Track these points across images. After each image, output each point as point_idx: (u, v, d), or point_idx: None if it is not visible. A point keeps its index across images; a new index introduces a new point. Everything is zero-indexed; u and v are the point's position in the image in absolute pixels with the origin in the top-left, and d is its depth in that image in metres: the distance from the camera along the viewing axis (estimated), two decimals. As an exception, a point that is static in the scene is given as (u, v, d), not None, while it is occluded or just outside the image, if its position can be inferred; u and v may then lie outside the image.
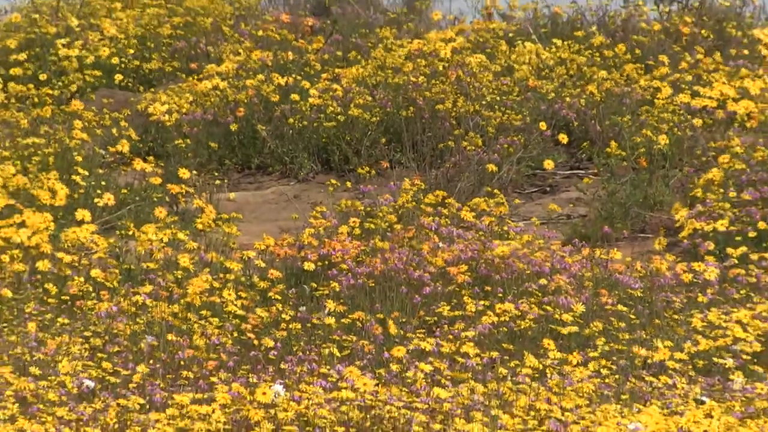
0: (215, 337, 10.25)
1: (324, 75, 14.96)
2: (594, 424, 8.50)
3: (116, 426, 8.69)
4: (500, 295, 10.88)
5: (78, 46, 16.05)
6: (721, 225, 12.02)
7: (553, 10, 16.49)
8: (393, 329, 10.43)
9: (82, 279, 11.13)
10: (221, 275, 11.19)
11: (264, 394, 8.90)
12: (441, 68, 14.85)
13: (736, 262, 11.50)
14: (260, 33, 16.18)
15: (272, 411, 8.74)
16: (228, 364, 9.86)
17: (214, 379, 9.45)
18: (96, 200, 12.63)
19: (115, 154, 13.79)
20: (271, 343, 10.14)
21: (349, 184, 13.65)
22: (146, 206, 12.79)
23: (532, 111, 14.21)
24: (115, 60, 16.06)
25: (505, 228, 12.56)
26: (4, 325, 10.47)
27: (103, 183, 13.22)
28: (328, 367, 9.78)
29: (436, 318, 10.69)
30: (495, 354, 9.95)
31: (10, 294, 10.82)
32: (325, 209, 12.78)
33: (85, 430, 8.58)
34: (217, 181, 13.78)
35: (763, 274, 11.32)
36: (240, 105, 14.40)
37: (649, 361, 9.92)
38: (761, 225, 11.92)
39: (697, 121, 14.09)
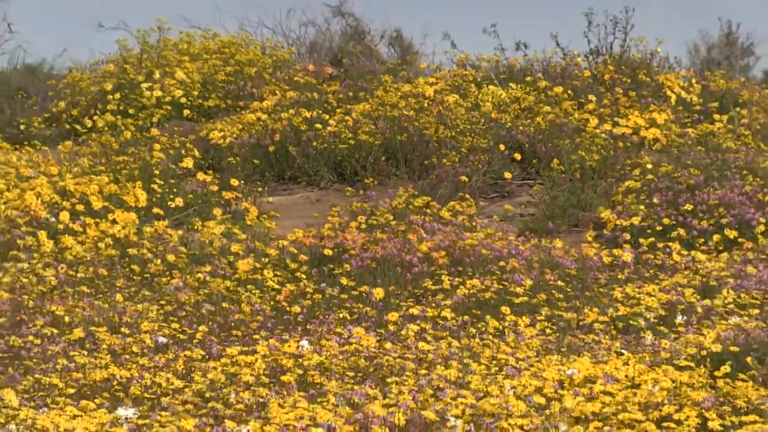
0: (257, 305, 10.44)
1: (339, 110, 15.15)
2: (540, 370, 8.29)
3: (183, 371, 8.65)
4: (470, 273, 11.03)
5: (157, 88, 16.04)
6: (635, 221, 12.32)
7: (510, 61, 16.41)
8: (384, 296, 10.60)
9: (158, 261, 11.34)
10: (262, 258, 11.42)
11: (293, 347, 9.02)
12: (426, 105, 14.97)
13: (646, 249, 11.75)
14: (292, 78, 16.22)
15: (300, 360, 8.78)
16: (267, 325, 10.01)
17: (256, 336, 9.65)
18: (169, 203, 12.96)
19: (183, 169, 13.95)
20: (299, 310, 10.35)
21: (357, 191, 13.70)
22: (206, 207, 13.07)
23: (494, 136, 14.33)
24: (183, 99, 16.06)
25: (474, 223, 12.89)
26: (101, 296, 10.57)
27: (174, 190, 13.34)
28: (341, 327, 9.87)
29: (422, 291, 10.84)
30: (466, 317, 10.17)
31: (105, 272, 11.04)
32: (339, 209, 13.12)
33: (161, 375, 8.45)
34: (259, 189, 13.84)
35: (666, 258, 11.40)
36: (276, 132, 14.52)
37: (581, 323, 10.01)
38: (666, 221, 12.11)
39: (618, 144, 14.13)
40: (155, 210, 12.68)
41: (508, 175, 14.06)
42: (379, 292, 10.54)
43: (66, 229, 11.89)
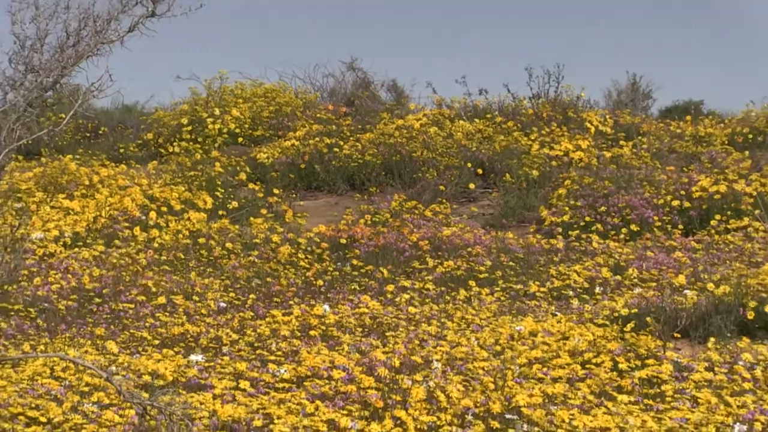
0: (292, 279, 10.30)
1: (351, 138, 15.04)
2: (497, 327, 8.30)
3: (238, 328, 8.57)
4: (446, 256, 10.84)
5: (218, 122, 16.03)
6: (565, 218, 12.17)
7: (474, 102, 16.31)
8: (387, 275, 10.40)
9: (220, 248, 11.25)
10: (295, 246, 11.26)
11: (318, 310, 9.03)
12: (414, 134, 14.83)
13: (573, 239, 11.56)
14: (317, 115, 16.23)
15: (322, 319, 8.76)
16: (299, 294, 9.85)
17: (291, 302, 9.52)
18: (228, 205, 12.86)
19: (238, 180, 13.89)
20: (322, 283, 10.22)
21: (364, 197, 13.67)
22: (255, 209, 12.98)
23: (463, 157, 14.19)
24: (237, 130, 16.00)
25: (449, 220, 12.82)
26: (178, 273, 10.47)
27: (231, 196, 13.16)
28: (353, 296, 9.76)
29: (411, 269, 10.67)
30: (443, 288, 10.05)
31: (182, 256, 11.03)
32: (351, 210, 13.11)
33: (222, 330, 8.43)
34: (293, 195, 13.77)
35: (588, 246, 11.18)
36: (305, 154, 14.44)
37: (526, 292, 9.83)
38: (587, 218, 12.00)
39: (553, 163, 14.10)
40: (218, 211, 12.61)
41: (472, 185, 13.80)
42: (384, 271, 10.35)
43: (153, 225, 11.80)
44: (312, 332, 8.31)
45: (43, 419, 6.10)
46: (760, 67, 29.73)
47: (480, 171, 14.05)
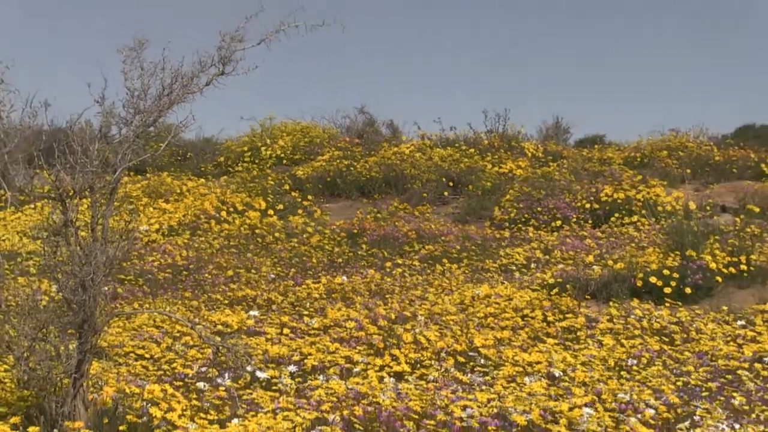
0: (320, 258, 10.27)
1: (361, 160, 14.99)
2: (463, 292, 8.21)
3: (283, 292, 8.50)
4: (427, 242, 10.82)
5: (269, 149, 16.06)
6: (511, 216, 12.04)
7: (447, 135, 16.31)
8: (385, 255, 10.43)
9: (270, 236, 11.23)
10: (323, 235, 11.23)
11: (338, 280, 9.12)
12: (405, 158, 14.76)
13: (516, 230, 11.52)
14: (338, 144, 16.22)
15: (341, 286, 8.74)
16: (325, 269, 9.81)
17: (319, 275, 9.49)
18: (276, 207, 12.79)
19: (283, 190, 13.84)
20: (341, 261, 10.19)
21: (371, 201, 13.66)
22: (294, 209, 12.91)
23: (439, 174, 14.16)
24: (282, 155, 16.02)
25: (429, 218, 12.63)
26: (241, 254, 10.32)
27: (278, 200, 12.96)
28: (362, 270, 9.69)
29: (403, 251, 10.60)
30: (425, 264, 9.96)
31: (243, 242, 11.00)
32: (361, 211, 12.95)
33: (272, 293, 8.34)
34: (321, 200, 13.77)
35: (526, 235, 11.17)
36: (330, 171, 14.43)
37: (483, 267, 9.75)
38: (526, 216, 11.79)
39: (501, 177, 14.05)
40: (269, 211, 12.48)
41: (446, 193, 13.54)
42: (384, 253, 10.31)
43: (224, 220, 11.79)
44: (334, 295, 8.31)
45: (147, 355, 6.16)
46: (647, 108, 30.04)
47: (451, 183, 14.02)
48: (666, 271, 8.05)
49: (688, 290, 7.87)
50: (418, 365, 6.00)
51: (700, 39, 32.29)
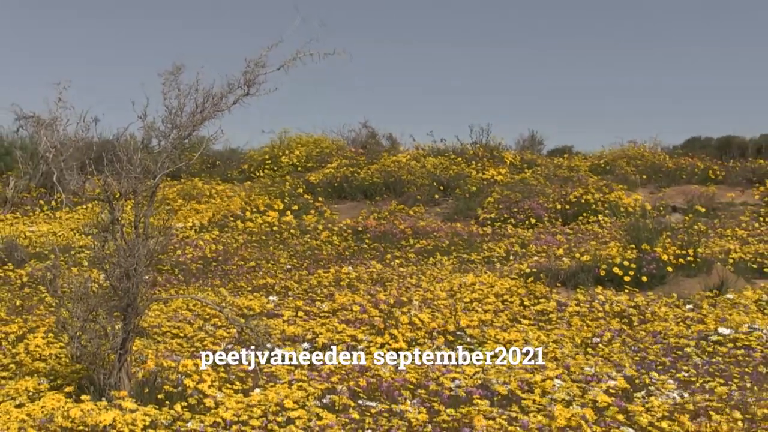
0: (329, 251, 10.12)
1: (365, 168, 14.94)
2: (452, 280, 8.12)
3: (298, 280, 8.33)
4: (421, 238, 10.71)
5: (287, 158, 15.98)
6: (493, 215, 11.94)
7: (438, 146, 16.24)
8: (386, 249, 10.32)
9: (287, 233, 11.14)
10: (332, 231, 11.13)
11: (345, 270, 8.98)
12: (402, 165, 14.74)
13: (497, 227, 11.46)
14: (345, 154, 16.17)
15: (348, 275, 8.61)
16: (333, 261, 9.67)
17: (329, 265, 9.33)
18: (292, 207, 12.71)
19: (297, 193, 13.77)
20: (347, 254, 10.04)
21: (373, 203, 13.61)
22: (307, 209, 12.78)
23: (432, 179, 14.12)
24: (297, 163, 15.96)
25: (423, 217, 12.54)
26: (261, 247, 10.23)
27: (294, 202, 12.64)
28: (366, 261, 9.59)
29: (401, 245, 10.48)
30: (419, 257, 9.85)
31: (264, 238, 10.86)
32: (365, 211, 12.85)
33: (288, 282, 8.23)
34: (330, 202, 13.71)
35: (506, 232, 11.13)
36: (338, 177, 14.39)
37: (469, 259, 9.66)
38: (505, 215, 11.76)
39: (485, 182, 13.97)
40: (286, 211, 12.31)
41: (437, 196, 13.36)
42: (384, 247, 10.24)
43: (247, 219, 11.74)
44: (341, 283, 8.27)
45: (181, 334, 6.16)
46: (609, 122, 30.14)
47: (441, 187, 13.79)
48: (625, 263, 8.01)
49: (644, 278, 7.85)
50: (414, 343, 5.97)
51: (651, 64, 32.63)
